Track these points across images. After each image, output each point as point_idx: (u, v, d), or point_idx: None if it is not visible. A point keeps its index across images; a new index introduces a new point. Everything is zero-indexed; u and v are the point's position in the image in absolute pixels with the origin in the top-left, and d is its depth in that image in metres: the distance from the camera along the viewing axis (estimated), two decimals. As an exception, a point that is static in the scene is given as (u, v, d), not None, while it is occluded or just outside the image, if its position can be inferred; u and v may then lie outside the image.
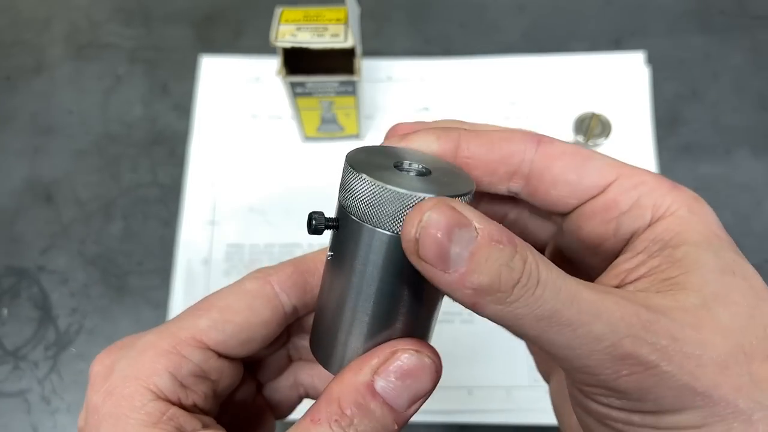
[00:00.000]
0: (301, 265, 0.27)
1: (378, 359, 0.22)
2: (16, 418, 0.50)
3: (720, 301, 0.20)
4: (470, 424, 0.49)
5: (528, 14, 0.64)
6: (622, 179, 0.23)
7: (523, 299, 0.18)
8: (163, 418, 0.22)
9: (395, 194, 0.20)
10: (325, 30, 0.46)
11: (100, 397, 0.22)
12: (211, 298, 0.25)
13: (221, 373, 0.25)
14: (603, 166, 0.23)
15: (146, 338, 0.24)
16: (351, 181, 0.21)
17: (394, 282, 0.21)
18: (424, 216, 0.18)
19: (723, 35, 0.62)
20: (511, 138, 0.24)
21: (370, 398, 0.21)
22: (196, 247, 0.55)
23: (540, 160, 0.24)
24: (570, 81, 0.60)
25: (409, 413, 0.22)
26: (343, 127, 0.56)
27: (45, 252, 0.55)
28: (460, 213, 0.19)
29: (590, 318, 0.18)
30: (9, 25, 0.64)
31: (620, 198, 0.23)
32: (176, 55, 0.62)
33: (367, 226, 0.21)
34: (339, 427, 0.21)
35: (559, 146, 0.24)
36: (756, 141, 0.58)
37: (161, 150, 0.59)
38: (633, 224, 0.23)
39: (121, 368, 0.23)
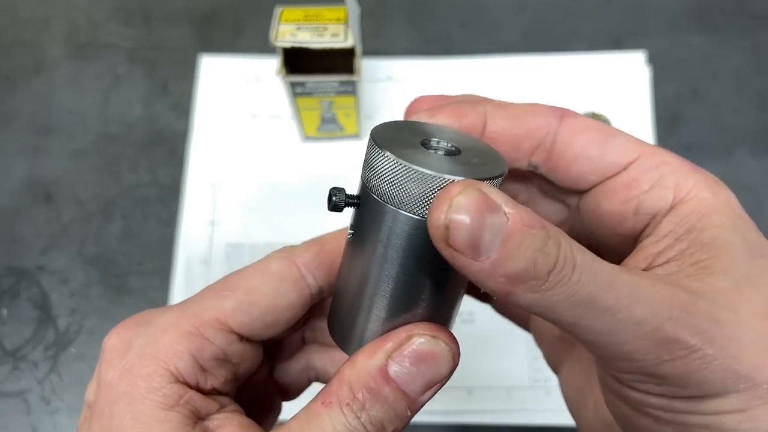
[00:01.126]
0: (326, 244, 0.26)
1: (393, 343, 0.21)
2: (16, 419, 0.50)
3: (752, 283, 0.19)
4: (470, 424, 0.49)
5: (528, 14, 0.64)
6: (644, 158, 0.22)
7: (560, 285, 0.17)
8: (180, 401, 0.21)
9: (421, 175, 0.18)
10: (324, 30, 0.46)
11: (116, 374, 0.21)
12: (235, 277, 0.24)
13: (243, 356, 0.24)
14: (625, 143, 0.23)
15: (167, 316, 0.23)
16: (375, 158, 0.19)
17: (415, 266, 0.20)
18: (453, 201, 0.17)
19: (723, 35, 0.62)
20: (537, 111, 0.24)
21: (383, 383, 0.20)
22: (196, 247, 0.55)
23: (563, 134, 0.23)
24: (570, 81, 0.60)
25: (423, 400, 0.21)
26: (343, 127, 0.56)
27: (45, 252, 0.55)
28: (489, 197, 0.17)
29: (629, 302, 0.18)
30: (8, 25, 0.64)
31: (642, 177, 0.22)
32: (176, 54, 0.62)
33: (389, 207, 0.19)
34: (350, 411, 0.20)
35: (582, 121, 0.23)
36: (756, 141, 0.58)
37: (161, 150, 0.59)
38: (654, 204, 0.22)
39: (139, 345, 0.22)
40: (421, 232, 0.19)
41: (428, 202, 0.19)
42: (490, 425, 0.49)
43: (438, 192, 0.18)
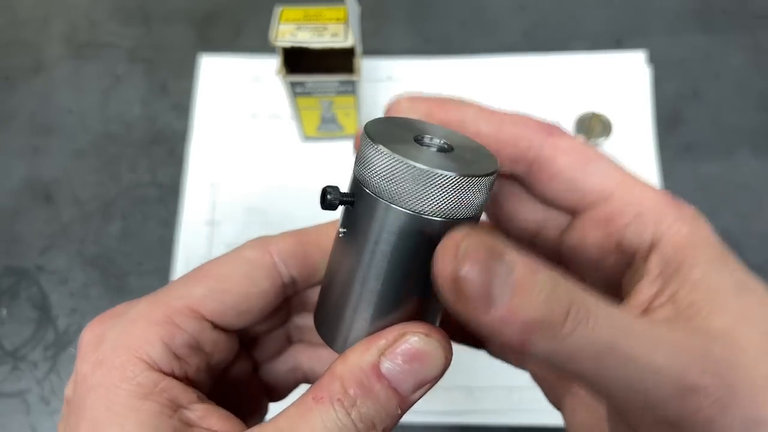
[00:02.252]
0: (303, 236, 0.26)
1: (386, 340, 0.21)
2: (15, 419, 0.50)
3: (747, 320, 0.19)
4: (470, 424, 0.49)
5: (529, 13, 0.63)
6: (623, 189, 0.22)
7: (578, 331, 0.17)
8: (156, 389, 0.21)
9: (414, 169, 0.18)
10: (324, 29, 0.46)
11: (89, 367, 0.21)
12: (208, 265, 0.24)
13: (216, 345, 0.24)
14: (605, 171, 0.23)
15: (138, 307, 0.23)
16: (368, 152, 0.19)
17: (406, 262, 0.20)
18: (460, 249, 0.17)
19: (724, 35, 0.62)
20: (522, 123, 0.24)
21: (375, 380, 0.20)
22: (196, 247, 0.54)
23: (546, 150, 0.23)
24: (571, 80, 0.60)
25: (413, 398, 0.21)
26: (343, 127, 0.56)
27: (44, 252, 0.55)
28: (492, 241, 0.17)
29: (649, 348, 0.17)
30: (8, 25, 0.64)
31: (623, 209, 0.22)
32: (175, 54, 0.62)
33: (382, 202, 0.19)
34: (341, 407, 0.20)
35: (568, 141, 0.23)
36: (757, 141, 0.58)
37: (160, 150, 0.59)
38: (635, 239, 0.22)
39: (111, 337, 0.22)
40: (412, 227, 0.19)
41: (420, 197, 0.19)
42: (490, 425, 0.49)
43: (430, 187, 0.18)
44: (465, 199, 0.19)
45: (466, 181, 0.19)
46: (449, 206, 0.19)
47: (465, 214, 0.20)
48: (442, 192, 0.19)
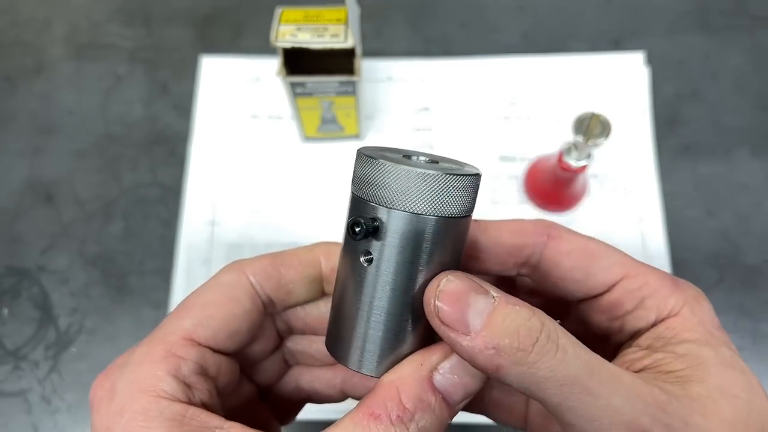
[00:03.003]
0: (276, 258, 0.27)
1: (438, 355, 0.22)
2: (17, 418, 0.50)
3: (723, 393, 0.21)
4: (470, 424, 0.49)
5: (528, 14, 0.64)
6: (627, 280, 0.24)
7: (545, 360, 0.19)
8: (185, 419, 0.21)
9: (409, 172, 0.21)
10: (325, 30, 0.46)
11: (110, 419, 0.22)
12: (190, 298, 0.25)
13: (219, 368, 0.25)
14: (610, 266, 0.25)
15: (138, 351, 0.23)
16: (367, 168, 0.22)
17: (411, 263, 0.22)
18: (441, 282, 0.21)
19: (723, 35, 0.62)
20: (521, 232, 0.25)
21: (430, 393, 0.21)
22: (197, 247, 0.55)
23: (549, 256, 0.25)
24: (570, 81, 0.60)
25: (459, 409, 0.23)
26: (343, 127, 0.56)
27: (45, 252, 0.55)
28: (476, 282, 0.21)
29: (610, 390, 0.19)
30: (9, 26, 0.64)
31: (625, 299, 0.24)
32: (176, 55, 0.63)
33: (383, 209, 0.21)
34: (401, 423, 0.21)
35: (567, 242, 0.25)
36: (756, 141, 0.58)
37: (161, 150, 0.59)
38: (637, 323, 0.24)
39: (122, 386, 0.22)
40: (412, 227, 0.21)
41: (415, 197, 0.21)
42: (489, 425, 0.49)
43: (423, 187, 0.21)
44: (453, 196, 0.21)
45: (452, 179, 0.21)
46: (440, 203, 0.21)
47: (455, 212, 0.22)
48: (432, 190, 0.21)
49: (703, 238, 0.54)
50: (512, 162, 0.57)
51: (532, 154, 0.57)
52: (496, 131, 0.58)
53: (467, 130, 0.59)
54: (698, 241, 0.54)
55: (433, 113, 0.59)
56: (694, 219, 0.55)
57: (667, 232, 0.54)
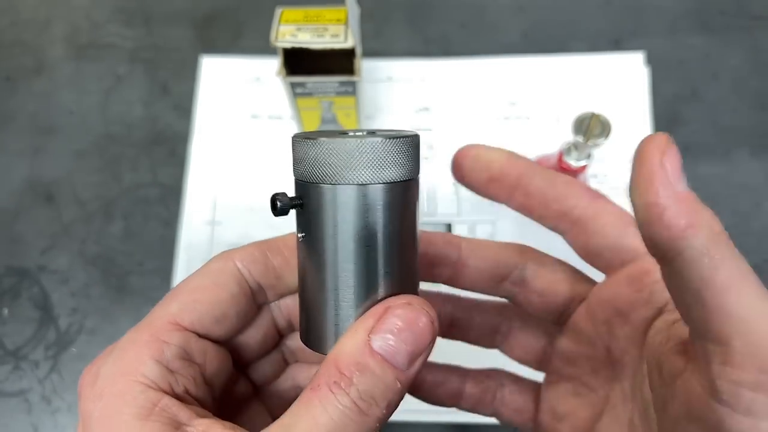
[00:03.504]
0: (263, 244, 0.27)
1: (372, 319, 0.21)
2: (17, 418, 0.50)
3: None
4: (470, 423, 0.49)
5: (528, 15, 0.64)
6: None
7: (725, 261, 0.19)
8: (155, 409, 0.21)
9: (346, 143, 0.21)
10: (325, 30, 0.46)
11: (91, 403, 0.22)
12: (179, 285, 0.25)
13: (204, 354, 0.24)
14: None
15: (124, 338, 0.23)
16: (305, 148, 0.22)
17: (368, 235, 0.21)
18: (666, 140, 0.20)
19: (723, 35, 0.62)
20: (571, 184, 0.27)
21: (368, 357, 0.20)
22: (197, 247, 0.55)
23: (590, 211, 0.26)
24: (570, 81, 0.60)
25: (411, 372, 0.21)
26: (344, 127, 0.56)
27: (45, 252, 0.55)
28: None
29: None
30: (9, 26, 0.64)
31: (654, 267, 0.24)
32: (176, 55, 0.63)
33: (327, 186, 0.21)
34: (339, 389, 0.20)
35: (610, 206, 0.27)
36: (755, 141, 0.58)
37: (162, 150, 0.59)
38: (665, 293, 0.23)
39: (105, 370, 0.22)
40: (361, 199, 0.21)
41: (357, 166, 0.21)
42: (489, 424, 0.49)
43: (362, 155, 0.21)
44: (393, 160, 0.21)
45: (389, 142, 0.21)
46: (381, 169, 0.21)
47: (401, 175, 0.22)
48: (373, 157, 0.21)
49: (703, 238, 0.54)
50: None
51: (532, 154, 0.57)
52: (496, 131, 0.59)
53: (467, 130, 0.59)
54: (698, 241, 0.54)
55: (433, 113, 0.59)
56: (693, 219, 0.55)
57: (666, 232, 0.54)
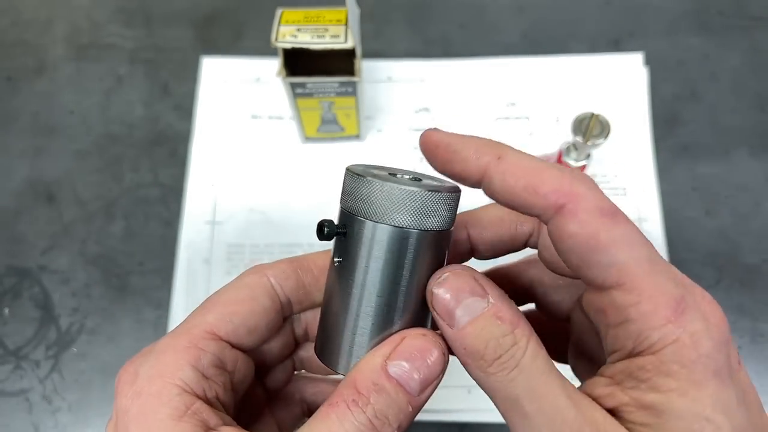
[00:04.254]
0: (295, 262, 0.28)
1: (389, 346, 0.23)
2: (18, 418, 0.50)
3: None
4: (470, 423, 0.49)
5: (527, 15, 0.64)
6: (618, 291, 0.20)
7: (498, 375, 0.21)
8: (188, 411, 0.22)
9: (393, 189, 0.23)
10: (325, 31, 0.47)
11: (128, 400, 0.23)
12: (214, 296, 0.27)
13: (235, 363, 0.26)
14: (607, 267, 0.20)
15: (163, 341, 0.25)
16: (355, 184, 0.24)
17: (396, 273, 0.23)
18: (442, 275, 0.23)
19: (721, 36, 0.62)
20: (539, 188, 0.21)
21: (384, 379, 0.22)
22: (197, 247, 0.55)
23: (553, 228, 0.21)
24: (569, 82, 0.60)
25: (422, 398, 0.23)
26: (344, 128, 0.56)
27: (46, 252, 0.55)
28: (479, 283, 0.22)
29: (544, 421, 0.20)
30: (10, 26, 0.64)
31: (610, 312, 0.21)
32: (177, 55, 0.63)
33: (369, 222, 0.23)
34: (356, 407, 0.22)
35: (578, 223, 0.21)
36: (754, 141, 0.58)
37: (162, 150, 0.59)
38: (615, 344, 0.21)
39: (144, 371, 0.24)
40: (397, 240, 0.23)
41: (398, 211, 0.23)
42: (488, 423, 0.49)
43: (405, 202, 0.23)
44: (433, 211, 0.23)
45: (433, 195, 0.23)
46: (422, 218, 0.23)
47: (436, 226, 0.24)
48: (417, 206, 0.23)
49: (702, 238, 0.55)
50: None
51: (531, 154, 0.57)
52: (496, 131, 0.59)
53: (467, 131, 0.59)
54: (697, 241, 0.54)
55: (433, 113, 0.60)
56: (692, 219, 0.55)
57: (665, 232, 0.55)
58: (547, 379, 0.21)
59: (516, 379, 0.21)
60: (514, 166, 0.22)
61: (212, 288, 0.54)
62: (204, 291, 0.53)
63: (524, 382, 0.21)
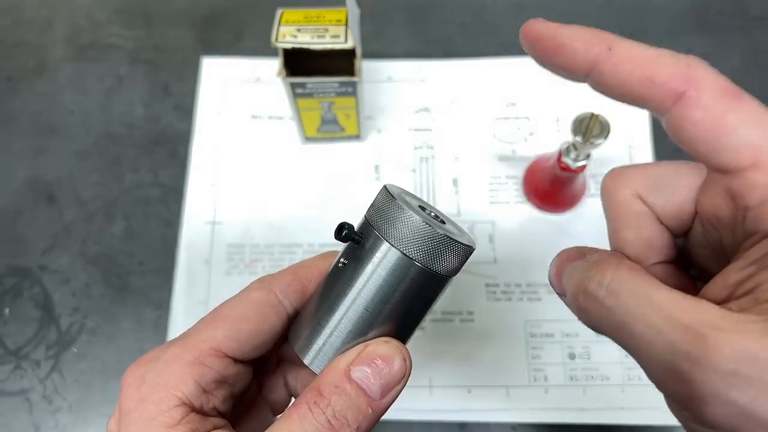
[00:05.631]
0: (299, 272, 0.29)
1: (354, 353, 0.25)
2: (18, 418, 0.50)
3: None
4: (469, 422, 0.49)
5: (527, 15, 0.63)
6: (754, 171, 0.19)
7: (591, 305, 0.21)
8: (182, 421, 0.24)
9: (421, 225, 0.24)
10: (325, 31, 0.47)
11: (132, 403, 0.25)
12: (223, 309, 0.28)
13: (237, 376, 0.27)
14: (738, 148, 0.20)
15: (171, 351, 0.26)
16: (388, 205, 0.25)
17: (390, 293, 0.25)
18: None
19: (721, 36, 0.62)
20: (656, 72, 0.20)
21: (345, 382, 0.24)
22: (197, 247, 0.55)
23: (674, 117, 0.20)
24: (569, 82, 0.60)
25: (383, 402, 0.24)
26: (344, 128, 0.56)
27: (47, 252, 0.55)
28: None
29: (653, 334, 0.18)
30: (11, 26, 0.64)
31: (747, 193, 0.20)
32: (177, 56, 0.63)
33: (386, 243, 0.25)
34: (317, 408, 0.23)
35: (701, 109, 0.20)
36: (754, 142, 0.58)
37: (162, 150, 0.59)
38: (754, 226, 0.20)
39: (150, 378, 0.25)
40: (403, 267, 0.25)
41: (417, 245, 0.24)
42: (489, 423, 0.49)
43: (425, 240, 0.24)
44: (446, 257, 0.25)
45: (450, 242, 0.25)
46: (432, 258, 0.25)
47: (442, 270, 0.25)
48: (430, 244, 0.24)
49: (702, 238, 0.55)
50: (511, 162, 0.58)
51: (531, 154, 0.57)
52: (496, 131, 0.59)
53: (467, 131, 0.59)
54: (697, 241, 0.54)
55: (433, 114, 0.60)
56: (692, 219, 0.55)
57: (665, 232, 0.55)
58: (646, 294, 0.19)
59: (613, 306, 0.20)
60: (627, 57, 0.20)
61: (212, 288, 0.54)
62: (204, 291, 0.54)
63: (622, 307, 0.19)
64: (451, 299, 0.53)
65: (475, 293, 0.53)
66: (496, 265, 0.54)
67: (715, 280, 0.20)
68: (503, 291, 0.53)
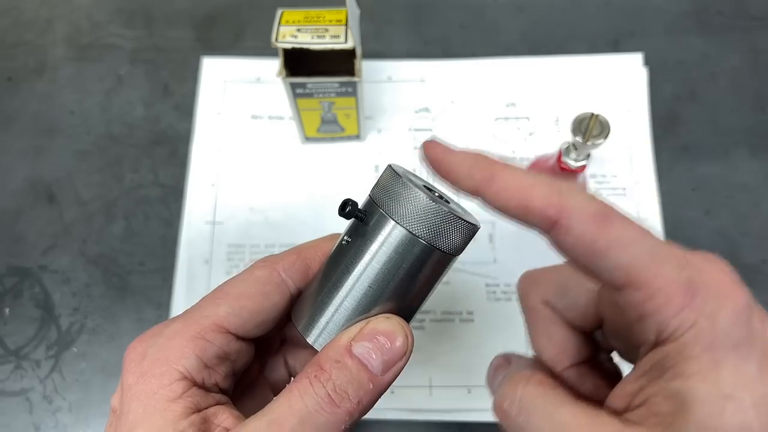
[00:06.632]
0: (303, 252, 0.29)
1: (356, 329, 0.25)
2: (18, 418, 0.50)
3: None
4: (469, 422, 0.49)
5: (527, 16, 0.64)
6: (630, 290, 0.20)
7: (508, 422, 0.23)
8: (183, 395, 0.24)
9: (426, 202, 0.24)
10: (325, 31, 0.47)
11: (134, 378, 0.25)
12: (226, 286, 0.28)
13: (239, 353, 0.27)
14: (612, 270, 0.20)
15: (173, 326, 0.26)
16: (393, 183, 0.25)
17: (395, 271, 0.25)
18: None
19: (721, 36, 0.63)
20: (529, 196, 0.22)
21: (347, 357, 0.24)
22: (198, 247, 0.55)
23: (554, 239, 0.22)
24: (569, 82, 0.60)
25: (385, 378, 0.24)
26: (344, 128, 0.57)
27: (47, 252, 0.55)
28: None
29: None
30: (11, 26, 0.65)
31: (629, 310, 0.21)
32: (177, 56, 0.63)
33: (392, 221, 0.24)
34: (317, 381, 0.23)
35: (573, 235, 0.21)
36: (754, 141, 0.58)
37: (163, 150, 0.59)
38: (640, 338, 0.21)
39: (152, 353, 0.26)
40: (408, 244, 0.24)
41: (422, 222, 0.24)
42: (489, 423, 0.49)
43: (431, 217, 0.24)
44: (448, 234, 0.25)
45: (455, 220, 0.25)
46: (436, 235, 0.25)
47: (446, 248, 0.25)
48: (434, 221, 0.24)
49: (702, 238, 0.55)
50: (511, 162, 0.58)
51: (531, 154, 0.57)
52: (496, 131, 0.59)
53: (467, 131, 0.59)
54: (696, 241, 0.55)
55: (433, 113, 0.60)
56: (692, 219, 0.56)
57: (665, 232, 0.55)
58: (550, 414, 0.22)
59: (524, 425, 0.22)
60: (505, 186, 0.22)
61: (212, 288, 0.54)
62: (204, 291, 0.53)
63: (533, 425, 0.22)
64: (451, 299, 0.53)
65: (475, 293, 0.53)
66: (496, 265, 0.54)
67: (615, 390, 0.22)
68: (503, 291, 0.53)
